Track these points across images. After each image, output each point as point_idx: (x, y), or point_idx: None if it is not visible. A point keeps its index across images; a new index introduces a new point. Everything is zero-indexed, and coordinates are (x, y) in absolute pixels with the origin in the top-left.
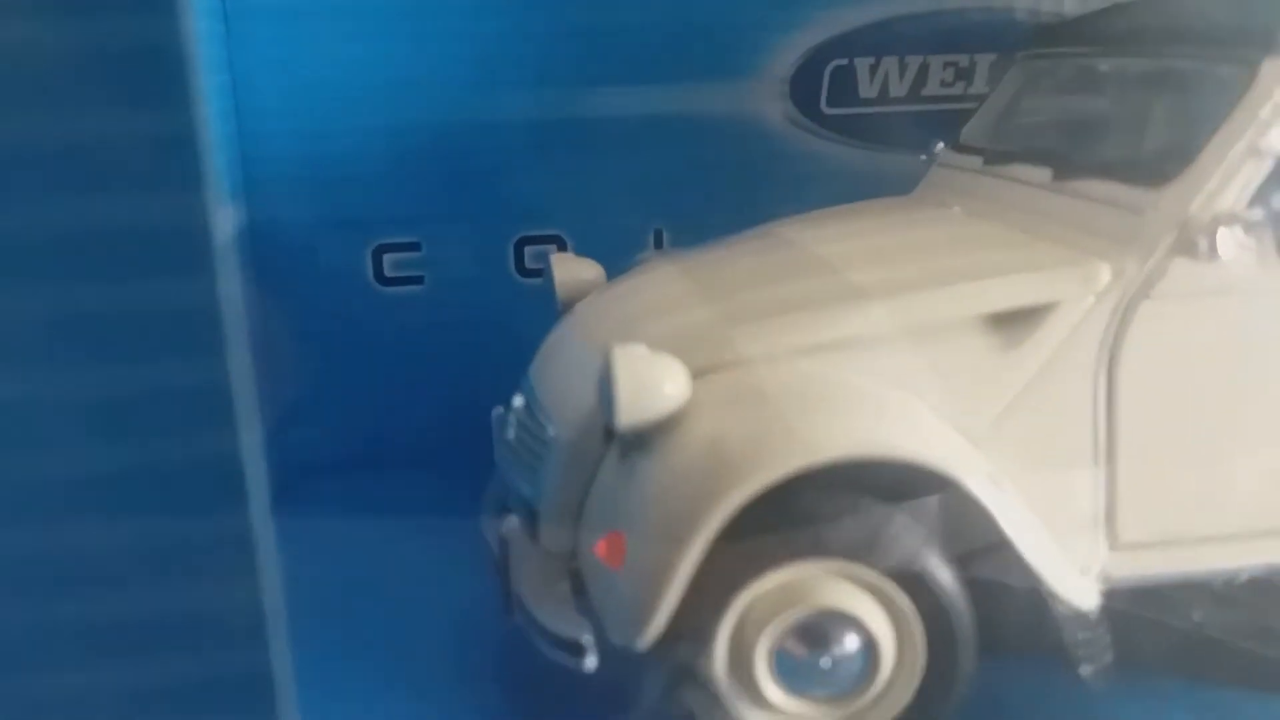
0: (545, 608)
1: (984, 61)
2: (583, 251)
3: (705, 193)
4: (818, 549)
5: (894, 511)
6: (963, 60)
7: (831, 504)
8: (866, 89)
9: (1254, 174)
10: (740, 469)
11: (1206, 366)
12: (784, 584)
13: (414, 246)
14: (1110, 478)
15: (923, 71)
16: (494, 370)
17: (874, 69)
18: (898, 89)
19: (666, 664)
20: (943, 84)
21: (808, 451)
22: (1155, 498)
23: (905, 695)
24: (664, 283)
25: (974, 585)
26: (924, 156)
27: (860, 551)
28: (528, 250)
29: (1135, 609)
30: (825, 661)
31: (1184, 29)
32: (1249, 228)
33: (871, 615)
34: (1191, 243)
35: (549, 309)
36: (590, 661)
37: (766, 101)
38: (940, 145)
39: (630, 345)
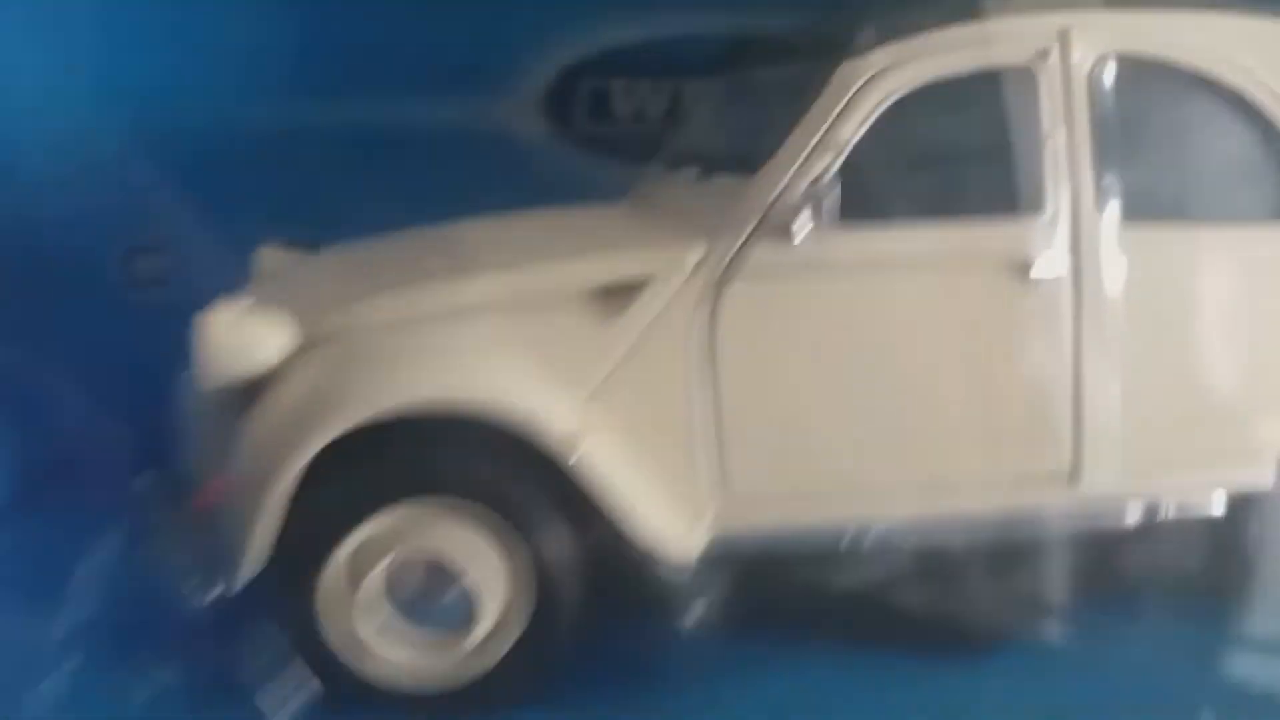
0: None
1: None
2: None
3: (446, 211)
4: (424, 488)
5: (499, 457)
6: None
7: (434, 449)
8: (622, 108)
9: (828, 163)
10: (325, 414)
11: (800, 339)
12: (390, 528)
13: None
14: (720, 438)
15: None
16: None
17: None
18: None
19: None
20: None
21: (392, 396)
22: (763, 455)
23: (498, 650)
24: (324, 265)
25: (582, 541)
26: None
27: (471, 492)
28: None
29: (762, 567)
30: (425, 605)
31: (824, 39)
32: (822, 210)
33: (476, 561)
34: (773, 226)
35: None
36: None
37: (520, 119)
38: None
39: (229, 301)
